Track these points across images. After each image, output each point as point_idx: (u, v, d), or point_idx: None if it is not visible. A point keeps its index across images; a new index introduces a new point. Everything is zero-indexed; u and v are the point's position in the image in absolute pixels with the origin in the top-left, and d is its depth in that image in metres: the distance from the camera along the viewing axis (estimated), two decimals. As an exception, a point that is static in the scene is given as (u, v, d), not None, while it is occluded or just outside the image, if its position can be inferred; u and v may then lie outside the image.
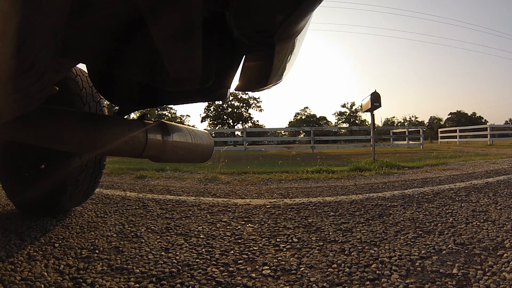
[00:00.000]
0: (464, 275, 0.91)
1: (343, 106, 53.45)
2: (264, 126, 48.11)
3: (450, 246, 1.14)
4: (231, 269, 0.99)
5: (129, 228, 1.43)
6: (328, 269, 0.98)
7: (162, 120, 1.05)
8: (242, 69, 0.84)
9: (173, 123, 1.13)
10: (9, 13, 0.40)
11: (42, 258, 1.07)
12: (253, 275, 0.95)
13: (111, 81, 1.03)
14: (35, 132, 0.87)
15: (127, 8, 0.69)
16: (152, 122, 1.02)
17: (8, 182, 1.63)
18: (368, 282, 0.89)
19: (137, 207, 1.87)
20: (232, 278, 0.92)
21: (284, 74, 0.95)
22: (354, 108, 51.79)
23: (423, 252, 1.09)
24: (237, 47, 0.78)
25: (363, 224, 1.46)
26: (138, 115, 1.05)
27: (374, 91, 4.64)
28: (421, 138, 11.58)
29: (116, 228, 1.44)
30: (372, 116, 5.04)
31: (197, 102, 1.03)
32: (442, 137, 15.95)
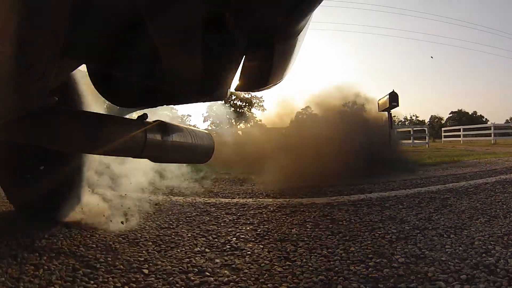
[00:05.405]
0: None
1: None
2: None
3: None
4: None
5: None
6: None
7: (161, 120, 1.03)
8: (242, 69, 0.83)
9: (172, 123, 1.12)
10: (9, 13, 0.40)
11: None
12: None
13: (111, 81, 1.03)
14: (34, 132, 0.86)
15: (127, 8, 0.68)
16: (151, 122, 1.01)
17: (8, 185, 1.61)
18: (484, 254, 1.03)
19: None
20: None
21: (284, 74, 0.94)
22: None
23: (503, 230, 1.25)
24: (237, 47, 0.78)
25: (437, 213, 1.56)
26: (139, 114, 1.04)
27: (392, 90, 4.64)
28: (426, 137, 11.47)
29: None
30: (389, 115, 5.00)
31: (197, 102, 1.02)
32: (445, 136, 15.84)
